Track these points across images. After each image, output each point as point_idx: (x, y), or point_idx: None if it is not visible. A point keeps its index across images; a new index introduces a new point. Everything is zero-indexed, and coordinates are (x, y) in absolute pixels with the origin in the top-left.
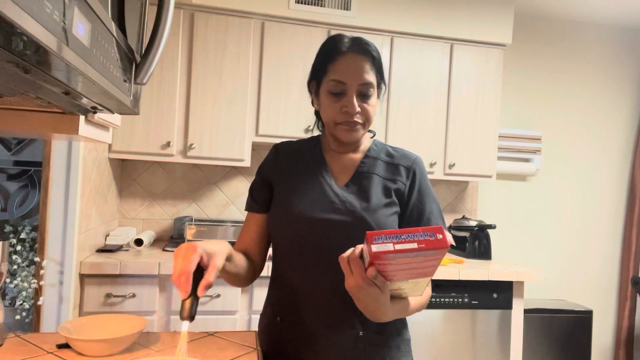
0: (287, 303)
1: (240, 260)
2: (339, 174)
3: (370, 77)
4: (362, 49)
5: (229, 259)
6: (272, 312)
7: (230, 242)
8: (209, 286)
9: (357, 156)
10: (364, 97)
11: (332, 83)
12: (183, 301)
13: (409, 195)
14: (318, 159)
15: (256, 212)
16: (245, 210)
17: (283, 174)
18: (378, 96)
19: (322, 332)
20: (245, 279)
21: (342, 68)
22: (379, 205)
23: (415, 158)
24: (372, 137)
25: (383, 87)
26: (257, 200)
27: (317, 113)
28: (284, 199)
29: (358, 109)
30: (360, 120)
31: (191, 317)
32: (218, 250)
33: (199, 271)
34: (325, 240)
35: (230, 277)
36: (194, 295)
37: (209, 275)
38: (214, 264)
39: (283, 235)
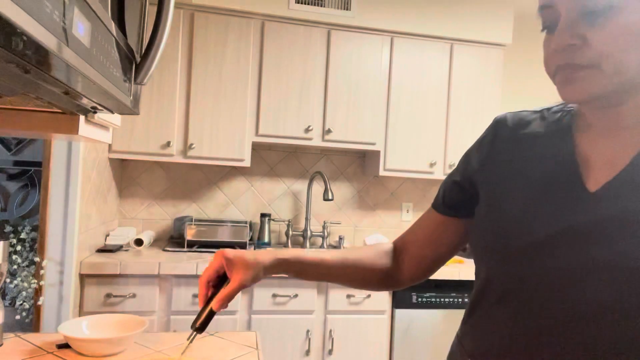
0: (487, 348)
1: (339, 261)
2: (600, 168)
3: None
4: None
5: (290, 269)
6: (462, 348)
7: (224, 243)
8: (224, 300)
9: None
10: (592, 16)
11: (541, 16)
12: (200, 310)
13: None
14: (563, 143)
15: (435, 210)
16: (431, 204)
17: (497, 168)
18: None
19: None
20: (362, 283)
21: None
22: None
23: None
24: None
25: None
26: (443, 196)
27: None
28: (493, 208)
29: (572, 40)
30: (584, 61)
31: (198, 328)
32: (252, 260)
33: (224, 281)
34: (550, 289)
35: (331, 281)
36: (210, 306)
37: (225, 289)
38: (235, 278)
39: (485, 260)
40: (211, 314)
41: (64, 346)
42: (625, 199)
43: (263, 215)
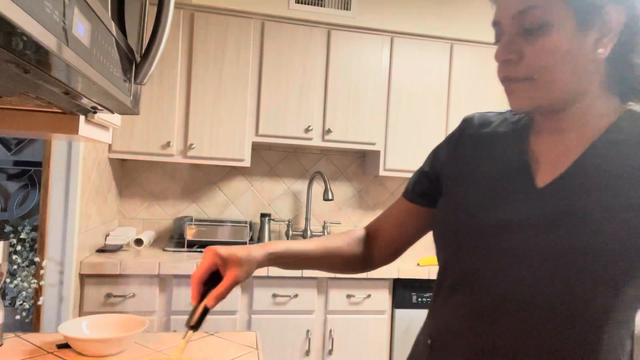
0: (442, 328)
1: (322, 250)
2: (548, 165)
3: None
4: None
5: (279, 261)
6: (425, 330)
7: (224, 242)
8: (219, 297)
9: (586, 138)
10: (528, 33)
11: (493, 28)
12: (193, 308)
13: None
14: (518, 142)
15: (405, 198)
16: (402, 194)
17: (461, 162)
18: (602, 35)
19: None
20: (341, 267)
21: (495, 4)
22: (598, 226)
23: None
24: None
25: (616, 16)
26: (412, 186)
27: None
28: (453, 198)
29: (510, 55)
30: (520, 75)
31: (193, 326)
32: (246, 256)
33: (216, 278)
34: (500, 268)
35: (312, 268)
36: (203, 303)
37: (221, 286)
38: (230, 274)
39: (444, 247)
40: (205, 312)
41: (64, 346)
42: (567, 195)
43: (263, 215)
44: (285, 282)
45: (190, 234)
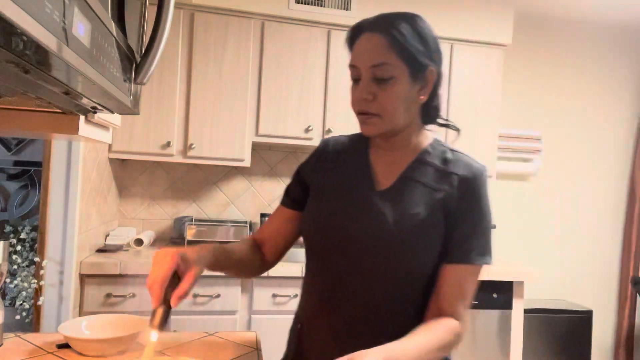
0: (309, 311)
1: (237, 255)
2: (382, 176)
3: (386, 57)
4: (377, 27)
5: (215, 262)
6: (296, 316)
7: (224, 242)
8: (183, 296)
9: (408, 157)
10: (380, 82)
11: (350, 69)
12: (153, 310)
13: (456, 212)
14: (362, 157)
15: (284, 206)
16: (280, 203)
17: (321, 173)
18: (423, 85)
19: (339, 347)
20: (247, 272)
21: (355, 50)
22: (415, 222)
23: (476, 168)
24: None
25: (431, 75)
26: (289, 194)
27: None
28: (315, 200)
29: (367, 96)
30: (373, 111)
31: (160, 327)
32: (198, 257)
33: (176, 279)
34: (349, 253)
35: (227, 272)
36: (166, 304)
37: (184, 285)
38: (190, 274)
39: (309, 241)
40: (169, 312)
41: (64, 346)
42: (396, 197)
43: (263, 215)
44: (285, 282)
45: (190, 234)
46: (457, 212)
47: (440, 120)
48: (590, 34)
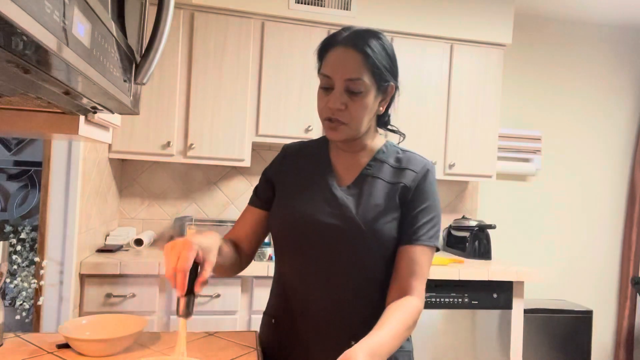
0: (282, 306)
1: (227, 252)
2: (343, 174)
3: (360, 73)
4: (354, 44)
5: (219, 252)
6: (268, 312)
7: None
8: (205, 282)
9: (365, 158)
10: (352, 94)
11: (321, 77)
12: (179, 298)
13: (410, 202)
14: (323, 159)
15: (255, 207)
16: (248, 204)
17: (286, 174)
18: (384, 98)
19: (314, 339)
20: (230, 270)
21: (329, 61)
22: (376, 212)
23: (425, 164)
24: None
25: (391, 89)
26: (259, 195)
27: None
28: (283, 198)
29: (340, 106)
30: (343, 119)
31: (189, 314)
32: (211, 245)
33: (194, 267)
34: (318, 244)
35: (216, 268)
36: (191, 292)
37: (206, 272)
38: (209, 261)
39: (279, 236)
40: (194, 298)
41: (64, 346)
42: (358, 192)
43: None
44: None
45: (190, 234)
46: (411, 202)
47: (389, 127)
48: (590, 34)
